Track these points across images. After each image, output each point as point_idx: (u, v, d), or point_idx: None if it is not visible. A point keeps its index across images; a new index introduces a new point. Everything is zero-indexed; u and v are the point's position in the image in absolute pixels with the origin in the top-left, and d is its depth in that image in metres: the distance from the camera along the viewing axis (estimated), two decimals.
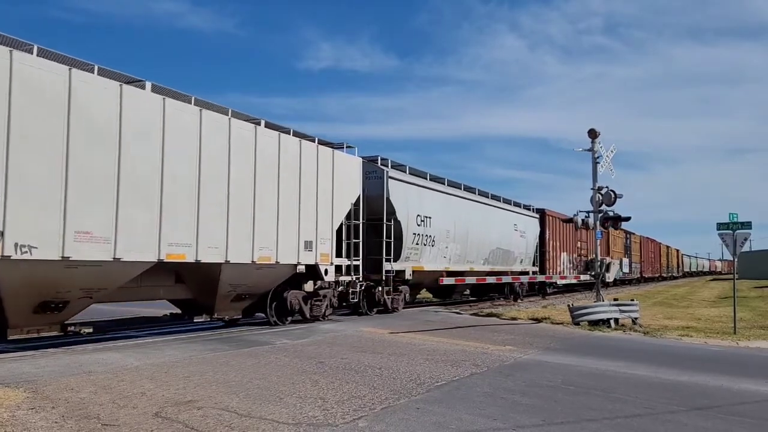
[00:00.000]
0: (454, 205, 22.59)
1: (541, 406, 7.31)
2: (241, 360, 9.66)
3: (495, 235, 25.94)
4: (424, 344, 12.28)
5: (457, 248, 22.55)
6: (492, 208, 26.33)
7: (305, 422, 6.19)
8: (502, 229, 26.70)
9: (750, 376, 9.93)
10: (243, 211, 12.94)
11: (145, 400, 6.86)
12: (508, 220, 27.60)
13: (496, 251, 26.13)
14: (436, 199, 21.35)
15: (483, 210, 25.14)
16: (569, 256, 35.05)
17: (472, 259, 24.02)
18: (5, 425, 5.72)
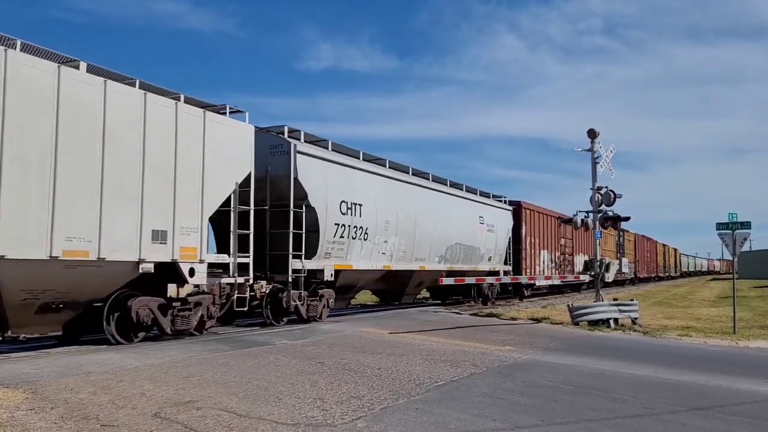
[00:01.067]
0: (397, 192, 18.98)
1: (540, 406, 7.30)
2: (241, 360, 9.66)
3: (455, 229, 22.49)
4: (423, 344, 12.28)
5: (401, 243, 19.03)
6: (451, 198, 22.74)
7: (304, 422, 6.19)
8: (465, 222, 23.33)
9: (750, 376, 9.93)
10: (35, 183, 9.29)
11: (145, 400, 6.85)
12: (472, 211, 24.09)
13: (455, 247, 22.67)
14: (371, 183, 17.77)
15: (438, 199, 21.62)
16: (551, 254, 32.08)
17: (423, 257, 20.62)
18: (4, 426, 5.72)
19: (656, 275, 65.04)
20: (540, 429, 6.37)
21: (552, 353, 11.79)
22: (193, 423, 6.03)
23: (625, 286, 48.67)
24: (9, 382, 7.48)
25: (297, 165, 14.79)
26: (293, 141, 15.01)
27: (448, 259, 22.27)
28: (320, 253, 15.60)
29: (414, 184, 20.31)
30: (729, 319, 17.79)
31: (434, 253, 21.32)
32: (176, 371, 8.59)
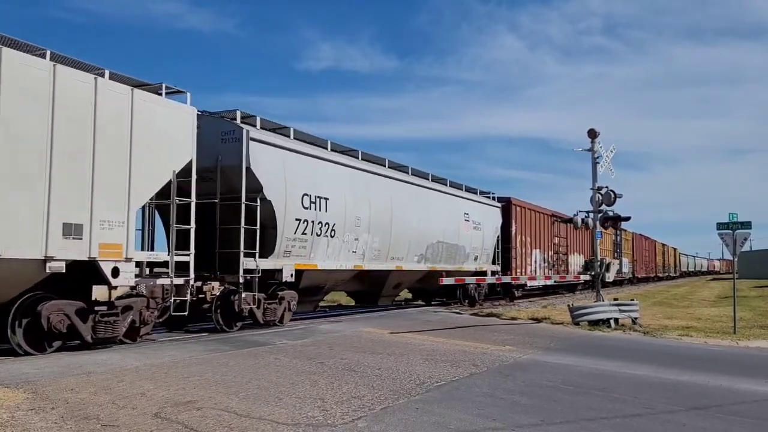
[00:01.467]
0: (370, 186, 17.43)
1: (540, 406, 7.31)
2: (241, 360, 9.67)
3: (437, 226, 21.04)
4: (423, 344, 12.28)
5: (375, 241, 17.54)
6: (433, 193, 21.19)
7: (304, 422, 6.20)
8: (448, 219, 21.82)
9: (750, 376, 9.94)
10: None
11: (145, 400, 6.86)
12: (456, 208, 22.64)
13: (437, 246, 21.19)
14: (338, 175, 16.16)
15: (418, 194, 20.17)
16: (543, 253, 30.46)
17: (401, 255, 19.10)
18: (5, 426, 5.73)
19: (655, 275, 63.68)
20: (540, 429, 6.38)
21: (552, 353, 11.79)
22: (194, 423, 6.03)
23: (624, 286, 47.42)
24: (9, 382, 7.49)
25: (250, 153, 13.26)
26: (246, 127, 13.56)
27: (429, 259, 20.79)
28: (278, 251, 14.09)
29: (390, 177, 18.75)
30: (729, 319, 17.79)
31: (413, 252, 19.80)
32: (176, 371, 8.60)
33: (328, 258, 15.83)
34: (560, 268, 32.76)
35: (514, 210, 27.41)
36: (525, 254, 28.16)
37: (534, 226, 29.46)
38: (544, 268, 30.19)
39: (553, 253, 31.84)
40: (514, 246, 26.96)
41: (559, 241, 32.86)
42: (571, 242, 35.25)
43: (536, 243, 29.63)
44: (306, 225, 14.75)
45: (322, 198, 15.31)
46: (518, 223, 27.58)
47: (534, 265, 29.08)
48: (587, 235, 35.97)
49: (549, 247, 31.38)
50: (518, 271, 27.12)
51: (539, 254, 29.89)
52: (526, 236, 28.45)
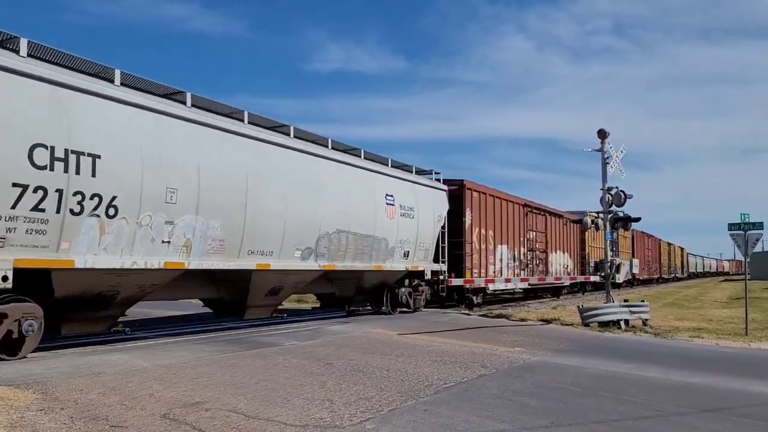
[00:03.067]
0: (198, 143, 11.73)
1: (549, 408, 7.26)
2: (249, 361, 9.68)
3: (336, 210, 15.07)
4: (431, 345, 12.25)
5: (213, 227, 11.89)
6: (331, 164, 15.33)
7: (312, 424, 6.18)
8: (359, 202, 16.04)
9: (762, 378, 9.84)
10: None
11: (154, 401, 6.87)
12: (373, 187, 16.83)
13: (337, 237, 15.28)
14: (126, 122, 10.46)
15: (304, 165, 14.44)
16: (513, 250, 25.47)
17: (267, 249, 13.34)
18: (15, 426, 5.75)
19: (659, 276, 59.45)
20: (549, 431, 6.33)
21: (562, 354, 11.73)
22: (202, 424, 6.04)
23: (621, 289, 41.69)
24: (19, 383, 7.52)
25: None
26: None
27: (322, 254, 14.91)
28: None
29: (249, 137, 13.02)
30: (741, 320, 17.64)
31: (292, 245, 13.96)
32: (185, 372, 8.62)
33: (106, 251, 10.11)
34: (537, 268, 28.31)
35: (469, 196, 22.01)
36: (486, 251, 23.10)
37: (499, 217, 24.38)
38: (513, 269, 25.54)
39: (527, 251, 27.00)
40: (469, 240, 21.75)
41: (535, 237, 28.18)
42: (553, 238, 30.73)
43: (502, 238, 24.61)
44: (43, 195, 9.11)
45: (84, 154, 9.60)
46: (475, 213, 22.31)
47: (499, 264, 24.24)
48: (573, 229, 33.23)
49: (521, 243, 26.45)
50: (475, 271, 22.11)
51: (507, 252, 25.06)
52: (488, 229, 23.35)
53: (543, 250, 29.37)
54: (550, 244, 30.25)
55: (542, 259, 29.21)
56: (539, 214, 29.27)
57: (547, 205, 30.48)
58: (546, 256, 29.67)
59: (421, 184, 19.67)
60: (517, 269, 26.12)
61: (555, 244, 31.08)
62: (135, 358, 9.63)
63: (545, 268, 29.53)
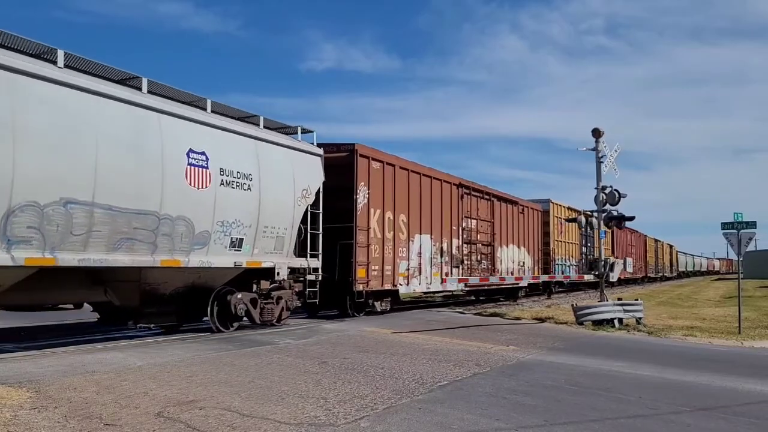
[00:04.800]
0: None
1: (544, 406, 7.28)
2: (244, 360, 9.66)
3: (68, 166, 9.38)
4: (426, 344, 12.26)
5: None
6: (59, 92, 9.30)
7: (307, 422, 6.18)
8: (125, 158, 10.30)
9: (755, 376, 9.88)
10: None
11: (148, 399, 6.85)
12: (159, 137, 10.94)
13: (68, 212, 9.34)
14: None
15: None
16: (440, 242, 20.59)
17: None
18: (8, 425, 5.72)
19: (645, 275, 55.48)
20: (543, 429, 6.34)
21: (556, 353, 11.75)
22: (196, 422, 6.02)
23: (584, 291, 37.29)
24: (13, 381, 7.49)
25: None
26: None
27: (25, 239, 8.89)
28: None
29: None
30: (734, 319, 17.72)
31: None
32: (179, 370, 8.60)
33: None
34: (479, 265, 23.32)
35: (365, 166, 16.72)
36: (394, 242, 17.99)
37: (417, 198, 19.28)
38: (441, 265, 20.69)
39: (462, 243, 22.04)
40: (364, 227, 16.56)
41: (476, 226, 23.07)
42: (503, 229, 25.71)
43: (423, 225, 19.57)
44: None
45: None
46: (375, 190, 17.14)
47: (417, 260, 19.27)
48: (534, 220, 29.14)
49: (454, 233, 21.58)
50: (374, 268, 16.98)
51: (431, 243, 20.10)
52: (397, 213, 18.28)
53: (488, 242, 24.04)
54: (499, 237, 25.15)
55: (487, 255, 23.94)
56: (482, 199, 23.94)
57: (494, 189, 25.40)
58: (492, 251, 24.47)
59: (270, 142, 13.56)
60: (446, 266, 20.87)
61: (506, 237, 25.99)
62: (129, 357, 9.60)
63: (491, 265, 24.31)
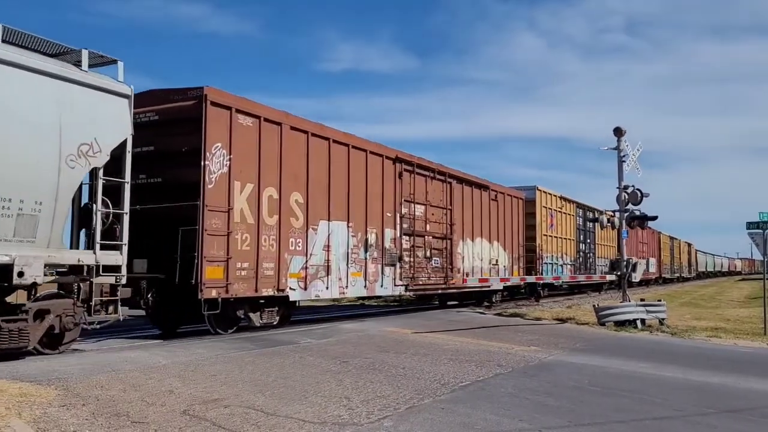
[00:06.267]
0: None
1: (567, 407, 7.24)
2: (267, 359, 9.73)
3: None
4: (447, 344, 12.25)
5: None
6: None
7: (330, 421, 6.22)
8: None
9: None
10: None
11: (173, 398, 6.94)
12: None
13: None
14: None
15: None
16: (362, 233, 15.72)
17: None
18: (38, 422, 5.83)
19: (659, 276, 50.24)
20: (567, 430, 6.32)
21: (578, 354, 11.68)
22: (221, 420, 6.09)
23: (575, 295, 33.13)
24: (41, 379, 7.62)
25: None
26: None
27: None
28: None
29: None
30: (759, 319, 17.45)
31: None
32: (204, 369, 8.69)
33: None
34: (429, 263, 18.66)
35: (224, 120, 12.07)
36: (277, 231, 13.14)
37: (323, 172, 14.52)
38: (365, 263, 15.87)
39: (402, 235, 17.34)
40: (220, 207, 11.84)
41: (426, 214, 18.45)
42: (468, 218, 21.00)
43: (332, 209, 14.75)
44: None
45: None
46: (242, 155, 12.38)
47: (321, 255, 14.39)
48: (514, 210, 24.69)
49: (388, 222, 16.74)
50: (240, 267, 12.27)
51: (347, 234, 15.25)
52: (286, 191, 13.43)
53: (443, 235, 19.40)
54: (460, 228, 20.43)
55: (441, 250, 19.29)
56: (434, 179, 19.01)
57: (453, 168, 20.43)
58: (450, 246, 19.73)
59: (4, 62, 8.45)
60: (375, 264, 16.21)
61: (472, 228, 21.35)
62: (154, 355, 9.71)
63: (447, 263, 19.60)
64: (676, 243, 60.23)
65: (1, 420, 5.76)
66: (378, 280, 16.35)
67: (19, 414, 6.02)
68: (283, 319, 14.12)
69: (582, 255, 32.09)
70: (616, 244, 36.62)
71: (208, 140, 11.67)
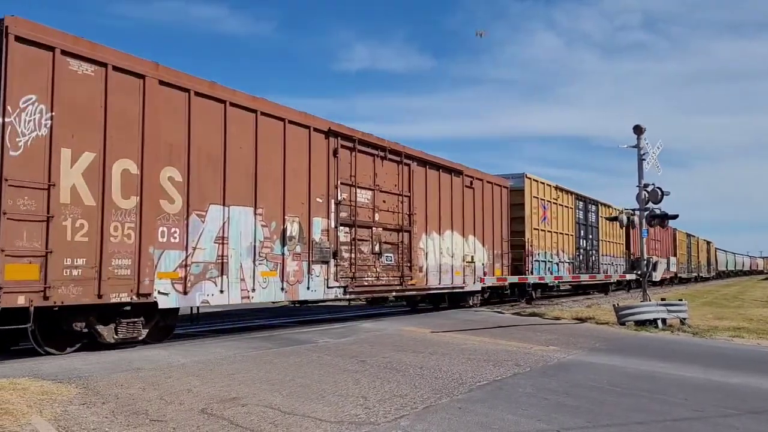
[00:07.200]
0: None
1: (586, 407, 7.17)
2: (284, 358, 9.77)
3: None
4: (465, 344, 12.20)
5: None
6: None
7: (347, 420, 6.22)
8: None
9: None
10: None
11: (192, 396, 6.99)
12: None
13: None
14: None
15: None
16: (277, 222, 12.87)
17: None
18: (59, 419, 5.91)
19: (675, 276, 47.14)
20: (586, 430, 6.26)
21: (597, 354, 11.57)
22: (239, 419, 6.12)
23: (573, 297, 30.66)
24: (62, 378, 7.73)
25: None
26: None
27: None
28: None
29: None
30: None
31: None
32: (222, 368, 8.74)
33: None
34: (382, 260, 15.97)
35: (42, 63, 9.19)
36: (138, 217, 10.33)
37: (217, 143, 11.77)
38: (282, 259, 12.93)
39: (338, 225, 14.50)
40: (36, 182, 9.01)
41: (373, 200, 15.74)
42: (434, 207, 18.32)
43: (228, 190, 11.88)
44: None
45: None
46: (75, 113, 9.56)
47: (211, 249, 11.49)
48: (495, 199, 21.89)
49: (318, 209, 13.99)
50: (72, 265, 9.37)
51: (254, 222, 12.37)
52: (152, 164, 10.58)
53: (399, 227, 16.61)
54: (423, 219, 17.76)
55: (397, 244, 16.47)
56: (385, 159, 16.32)
57: (412, 148, 17.67)
58: (409, 240, 17.00)
59: None
60: (297, 260, 13.32)
61: (439, 220, 18.62)
62: (173, 355, 9.80)
63: (405, 260, 16.80)
64: (693, 240, 57.86)
65: (22, 417, 5.85)
66: (302, 280, 13.55)
67: (40, 412, 6.11)
68: (160, 332, 11.24)
69: (582, 252, 29.31)
70: (623, 240, 34.97)
71: (11, 90, 8.78)
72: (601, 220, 31.33)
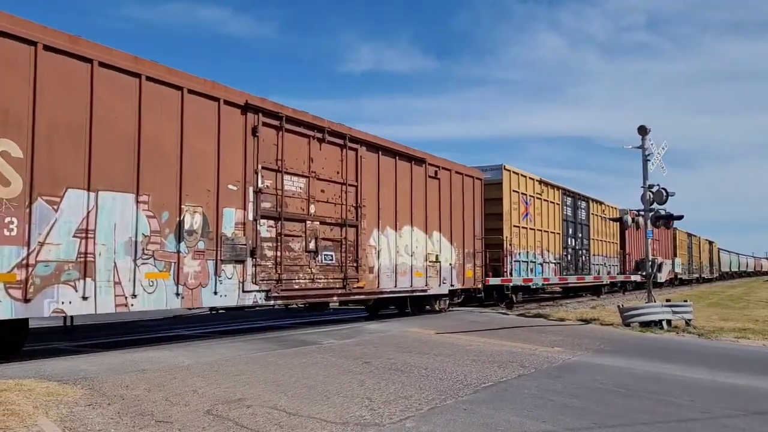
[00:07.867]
0: None
1: (591, 408, 7.16)
2: (289, 359, 9.77)
3: None
4: (470, 345, 12.19)
5: None
6: None
7: (352, 422, 6.22)
8: None
9: None
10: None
11: (197, 397, 7.00)
12: None
13: None
14: None
15: None
16: (172, 213, 10.47)
17: None
18: (64, 420, 5.92)
19: (675, 277, 45.99)
20: None
21: (602, 355, 11.55)
22: (244, 420, 6.13)
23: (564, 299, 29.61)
24: (68, 379, 7.74)
25: None
26: None
27: None
28: None
29: None
30: None
31: None
32: (226, 369, 8.75)
33: None
34: (320, 259, 13.68)
35: None
36: None
37: (80, 111, 9.30)
38: (178, 258, 10.61)
39: (260, 218, 12.28)
40: None
41: (307, 189, 13.47)
42: (388, 199, 15.97)
43: (95, 171, 9.40)
44: None
45: None
46: None
47: (63, 246, 8.98)
48: (462, 190, 19.32)
49: (231, 198, 11.71)
50: None
51: (134, 213, 9.97)
52: (11, 130, 8.43)
53: (342, 221, 14.38)
54: (374, 212, 15.50)
55: (340, 241, 14.27)
56: (325, 142, 14.02)
57: (360, 131, 15.27)
58: (356, 236, 14.80)
59: None
60: (199, 259, 11.04)
61: (395, 214, 16.28)
62: (178, 356, 9.82)
63: (350, 259, 14.57)
64: (694, 240, 55.62)
65: (28, 418, 5.86)
66: (208, 284, 11.13)
67: (46, 413, 6.12)
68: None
69: (571, 252, 27.36)
70: (617, 239, 33.09)
71: None
72: (592, 217, 29.60)
